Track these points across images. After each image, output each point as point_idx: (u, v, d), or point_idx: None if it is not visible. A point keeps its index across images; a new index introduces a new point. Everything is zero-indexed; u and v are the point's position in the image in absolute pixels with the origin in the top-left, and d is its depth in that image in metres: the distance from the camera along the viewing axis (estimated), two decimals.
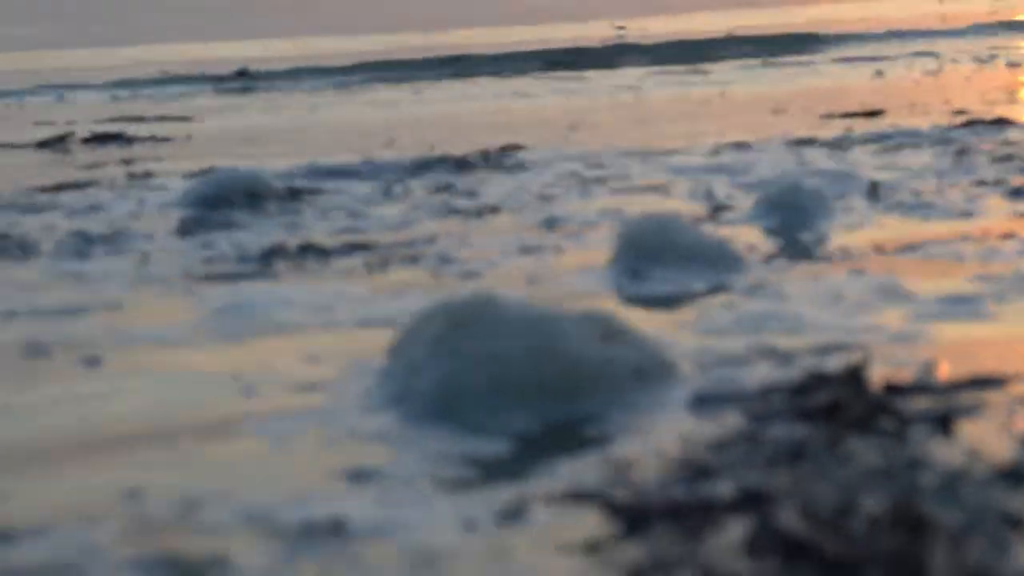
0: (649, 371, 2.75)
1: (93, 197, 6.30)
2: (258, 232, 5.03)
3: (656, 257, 4.01)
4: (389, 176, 6.44)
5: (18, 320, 3.71)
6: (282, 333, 3.44)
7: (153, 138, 10.41)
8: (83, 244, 4.95)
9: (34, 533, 2.08)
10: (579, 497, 2.14)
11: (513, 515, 2.09)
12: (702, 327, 3.31)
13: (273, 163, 7.04)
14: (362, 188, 6.05)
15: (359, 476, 2.30)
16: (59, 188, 6.67)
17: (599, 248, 4.53)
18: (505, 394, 2.62)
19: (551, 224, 5.19)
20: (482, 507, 2.13)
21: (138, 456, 2.49)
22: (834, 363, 2.85)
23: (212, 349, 3.28)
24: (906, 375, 2.69)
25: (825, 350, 3.01)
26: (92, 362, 3.14)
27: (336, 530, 2.03)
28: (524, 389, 2.63)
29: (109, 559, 1.97)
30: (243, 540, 2.02)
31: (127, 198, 6.15)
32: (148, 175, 7.12)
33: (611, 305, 3.64)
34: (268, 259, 4.52)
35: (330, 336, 3.41)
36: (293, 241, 4.81)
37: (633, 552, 1.92)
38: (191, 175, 6.82)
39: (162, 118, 12.47)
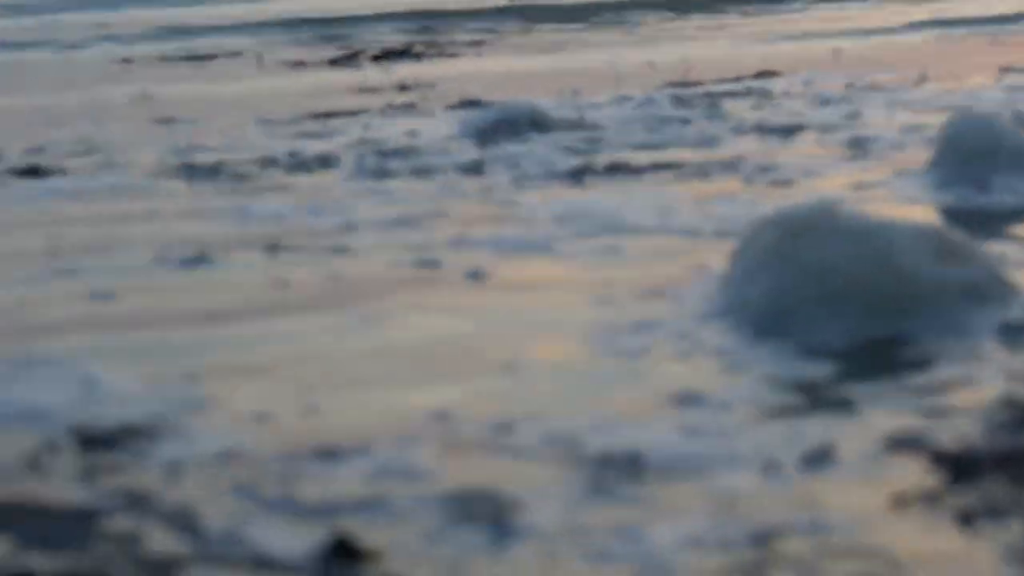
0: (984, 291, 2.58)
1: (373, 121, 6.31)
2: (554, 154, 4.95)
3: (984, 160, 3.78)
4: (660, 104, 6.31)
5: (364, 229, 3.68)
6: (629, 241, 3.40)
7: (441, 55, 10.47)
8: (382, 162, 4.92)
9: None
10: (895, 440, 1.97)
11: (821, 457, 1.92)
12: None
13: (541, 97, 7.00)
14: (638, 114, 5.93)
15: (677, 400, 2.20)
16: (335, 114, 6.70)
17: (917, 153, 4.32)
18: (832, 308, 2.51)
19: (861, 138, 5.03)
20: (789, 445, 1.97)
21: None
22: None
23: (565, 262, 3.25)
24: None
25: None
26: (477, 275, 3.11)
27: (634, 461, 1.92)
28: (852, 303, 2.50)
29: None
30: (545, 467, 1.94)
31: (407, 123, 6.14)
32: (421, 102, 7.12)
33: (943, 215, 3.46)
34: (579, 175, 4.44)
35: (671, 242, 3.36)
36: (600, 160, 4.75)
37: (959, 501, 1.77)
38: (460, 105, 6.80)
39: (450, 44, 12.54)
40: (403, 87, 8.20)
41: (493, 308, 2.87)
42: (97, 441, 2.12)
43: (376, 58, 10.58)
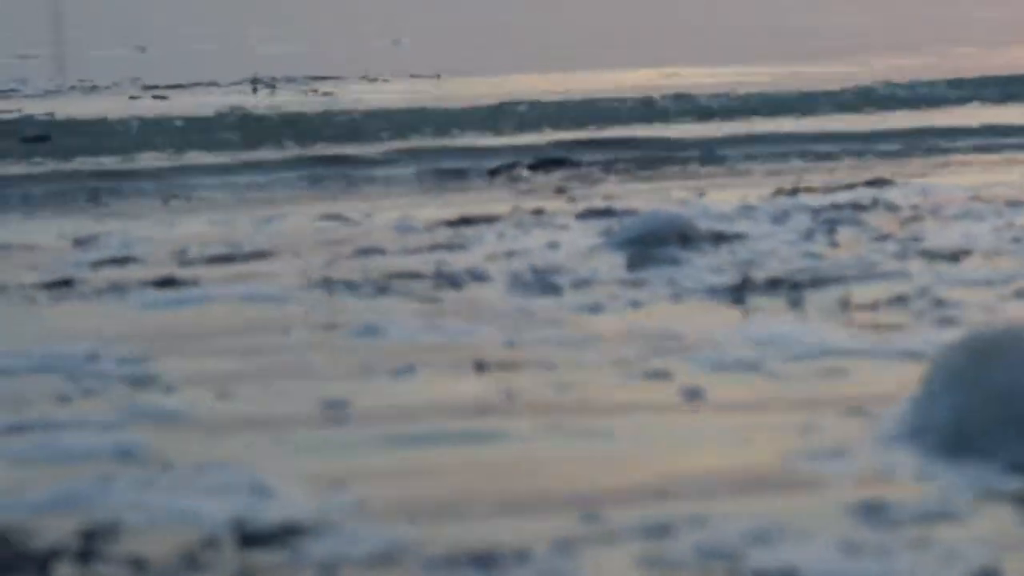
0: None
1: (510, 231, 6.33)
2: (709, 270, 4.91)
3: None
4: (802, 219, 6.24)
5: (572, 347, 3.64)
6: (821, 365, 3.40)
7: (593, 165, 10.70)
8: (537, 278, 4.89)
9: None
10: None
11: None
12: None
13: (665, 204, 7.02)
14: (783, 233, 5.86)
15: (850, 514, 2.21)
16: (476, 220, 6.73)
17: None
18: (1018, 431, 2.51)
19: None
20: (950, 566, 1.98)
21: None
22: None
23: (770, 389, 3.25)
24: None
25: None
26: (693, 394, 3.14)
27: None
28: None
29: None
30: None
31: (545, 233, 6.15)
32: (559, 210, 7.14)
33: None
34: (741, 295, 4.35)
35: (868, 366, 3.36)
36: (759, 275, 4.71)
37: None
38: (593, 214, 6.85)
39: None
40: (557, 193, 8.28)
41: (694, 423, 2.93)
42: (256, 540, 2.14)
43: (532, 167, 10.79)
